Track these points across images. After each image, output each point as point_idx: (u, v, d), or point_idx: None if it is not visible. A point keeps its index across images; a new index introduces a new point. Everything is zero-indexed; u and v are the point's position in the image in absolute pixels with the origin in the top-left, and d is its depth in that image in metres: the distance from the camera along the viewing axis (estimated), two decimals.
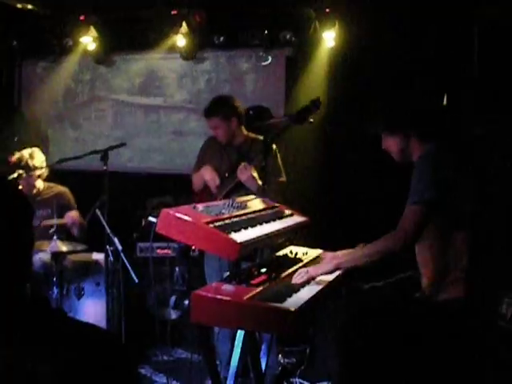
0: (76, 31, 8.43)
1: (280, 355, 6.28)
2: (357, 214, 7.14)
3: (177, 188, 7.80)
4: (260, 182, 5.29)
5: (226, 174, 5.70)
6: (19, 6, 7.99)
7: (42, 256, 5.88)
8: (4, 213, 1.85)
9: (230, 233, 3.48)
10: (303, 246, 4.77)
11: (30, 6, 8.07)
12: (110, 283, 5.73)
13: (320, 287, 3.65)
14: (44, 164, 6.39)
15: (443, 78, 6.89)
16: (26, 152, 6.33)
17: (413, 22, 7.12)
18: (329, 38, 7.57)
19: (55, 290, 5.71)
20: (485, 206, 3.92)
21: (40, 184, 6.42)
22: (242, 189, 5.47)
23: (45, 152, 6.60)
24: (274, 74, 8.33)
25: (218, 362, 5.56)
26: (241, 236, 3.49)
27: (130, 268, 5.49)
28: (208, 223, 3.50)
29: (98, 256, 6.20)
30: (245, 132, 5.96)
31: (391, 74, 7.07)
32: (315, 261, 4.30)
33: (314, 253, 4.59)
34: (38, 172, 6.31)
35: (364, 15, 7.25)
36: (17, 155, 6.30)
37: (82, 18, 8.30)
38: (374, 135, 4.06)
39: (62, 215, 6.19)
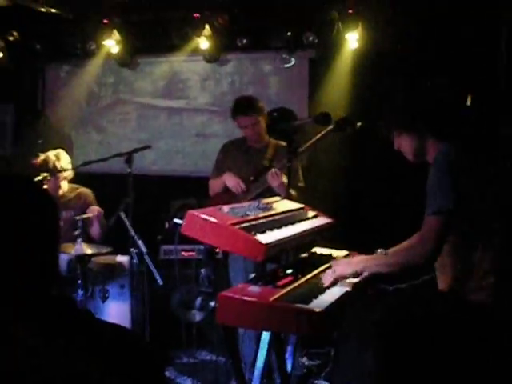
0: (99, 34, 8.45)
1: (305, 357, 6.27)
2: (381, 215, 7.11)
3: (200, 190, 7.80)
4: (291, 189, 5.28)
5: (252, 178, 5.68)
6: (43, 9, 8.02)
7: (66, 258, 5.89)
8: (31, 212, 1.86)
9: (256, 234, 3.48)
10: (328, 247, 4.77)
11: (53, 10, 8.10)
12: (134, 286, 5.74)
13: (345, 289, 3.64)
14: (70, 165, 6.42)
15: (468, 78, 6.84)
16: (51, 154, 6.35)
17: (437, 23, 7.09)
18: (352, 40, 7.55)
19: (80, 293, 5.72)
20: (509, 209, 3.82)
21: (65, 186, 6.45)
22: (267, 192, 5.46)
23: (69, 155, 6.62)
24: (298, 75, 8.32)
25: (242, 364, 5.56)
26: (266, 237, 3.49)
27: (154, 270, 5.49)
28: (234, 224, 3.51)
29: (123, 258, 6.20)
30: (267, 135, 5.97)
31: (415, 76, 7.03)
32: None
33: (338, 254, 4.59)
34: (64, 174, 6.33)
35: (387, 16, 7.23)
36: (42, 157, 6.33)
37: (105, 21, 8.33)
38: (386, 135, 3.97)
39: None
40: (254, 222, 3.72)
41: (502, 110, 6.65)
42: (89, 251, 5.71)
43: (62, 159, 6.36)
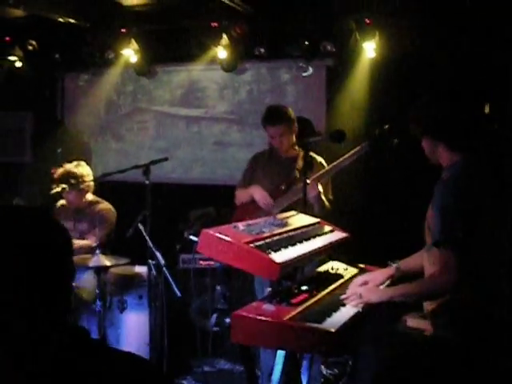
0: (117, 44, 8.52)
1: (322, 366, 6.27)
2: (396, 227, 7.08)
3: (218, 199, 7.83)
4: (325, 201, 5.28)
5: (282, 187, 5.66)
6: (61, 19, 8.08)
7: (84, 270, 5.93)
8: (45, 245, 1.89)
9: (270, 253, 3.49)
10: (342, 259, 4.78)
11: (71, 20, 8.16)
12: (152, 297, 5.76)
13: (361, 307, 3.65)
14: (90, 177, 6.45)
15: (486, 86, 6.82)
16: (71, 165, 6.38)
17: (454, 31, 7.07)
18: (369, 49, 7.53)
19: (98, 304, 5.73)
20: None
21: (88, 197, 6.48)
22: (296, 205, 5.41)
23: (88, 164, 6.65)
24: (315, 84, 8.32)
25: (259, 373, 5.57)
26: (281, 256, 3.51)
27: (172, 283, 5.50)
28: (248, 243, 3.52)
29: (141, 269, 6.21)
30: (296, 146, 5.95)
31: (433, 85, 7.03)
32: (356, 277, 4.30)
33: (354, 269, 4.60)
34: (83, 185, 6.35)
35: (404, 26, 7.21)
36: (62, 169, 6.35)
37: (123, 30, 8.38)
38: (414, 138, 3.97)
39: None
40: (268, 240, 3.74)
41: None
42: (107, 263, 5.73)
43: (82, 171, 6.39)
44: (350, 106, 7.84)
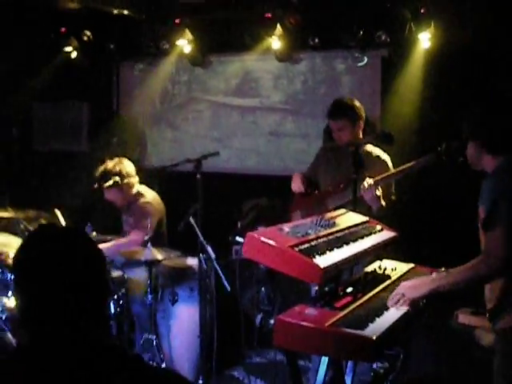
0: (172, 34, 8.58)
1: None
2: (447, 227, 6.99)
3: (273, 189, 7.83)
4: (383, 202, 5.20)
5: (341, 185, 5.56)
6: (115, 11, 8.15)
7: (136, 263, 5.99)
8: (78, 264, 1.93)
9: (315, 256, 3.48)
10: (392, 258, 4.74)
11: (125, 12, 8.23)
12: (203, 290, 5.78)
13: (404, 310, 3.62)
14: (133, 173, 6.48)
15: None
16: (111, 163, 6.40)
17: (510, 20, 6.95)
18: (424, 39, 7.45)
19: (149, 296, 5.80)
20: None
21: (133, 191, 6.51)
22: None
23: (143, 153, 6.68)
24: (370, 74, 8.27)
25: (310, 365, 5.57)
26: (325, 260, 3.50)
27: (222, 276, 5.53)
28: (293, 247, 3.52)
29: (193, 261, 6.21)
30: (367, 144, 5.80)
31: (488, 76, 6.92)
32: (404, 277, 4.26)
33: (403, 267, 4.55)
34: (126, 181, 6.38)
35: (461, 16, 7.11)
36: (101, 167, 6.39)
37: (177, 21, 8.42)
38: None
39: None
40: (314, 243, 3.72)
41: None
42: (159, 256, 5.77)
43: (122, 168, 6.41)
44: (404, 97, 7.76)
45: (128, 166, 6.46)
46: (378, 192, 5.15)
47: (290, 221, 5.26)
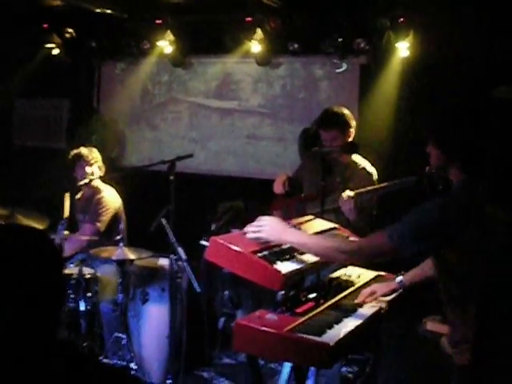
0: (153, 34, 8.60)
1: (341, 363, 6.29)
2: None
3: (248, 192, 7.86)
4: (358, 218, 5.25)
5: (314, 193, 5.55)
6: (98, 10, 8.17)
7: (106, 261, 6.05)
8: (34, 261, 1.97)
9: (276, 263, 3.52)
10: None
11: (108, 11, 8.25)
12: (173, 290, 5.81)
13: (363, 319, 3.66)
14: (100, 163, 6.73)
15: None
16: (85, 149, 6.72)
17: (490, 32, 7.00)
18: (402, 48, 7.52)
19: (120, 295, 5.85)
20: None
21: (95, 183, 6.69)
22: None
23: (122, 152, 6.77)
24: (348, 81, 8.31)
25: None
26: (286, 266, 3.53)
27: (193, 278, 5.55)
28: (255, 252, 3.54)
29: (164, 262, 6.24)
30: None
31: (466, 85, 6.98)
32: (368, 284, 4.30)
33: (369, 275, 4.58)
34: (92, 168, 6.65)
35: (439, 25, 7.17)
36: (75, 151, 6.70)
37: (158, 21, 8.45)
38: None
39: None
40: (276, 249, 3.74)
41: None
42: (130, 256, 5.82)
43: (94, 155, 6.69)
44: (381, 104, 7.82)
45: (98, 156, 6.74)
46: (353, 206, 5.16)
47: None
